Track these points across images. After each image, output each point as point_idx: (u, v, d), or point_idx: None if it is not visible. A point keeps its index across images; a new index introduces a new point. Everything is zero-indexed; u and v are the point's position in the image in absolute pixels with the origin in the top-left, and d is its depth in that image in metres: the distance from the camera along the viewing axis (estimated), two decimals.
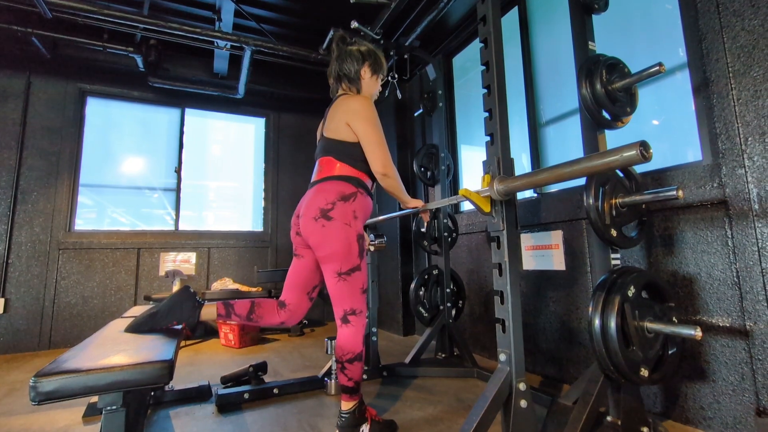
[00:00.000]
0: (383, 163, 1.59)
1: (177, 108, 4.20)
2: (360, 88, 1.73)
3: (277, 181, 4.54)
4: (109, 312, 3.57)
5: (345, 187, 1.57)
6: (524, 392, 1.31)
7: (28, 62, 3.55)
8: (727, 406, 1.51)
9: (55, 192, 3.54)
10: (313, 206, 1.55)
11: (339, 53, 1.74)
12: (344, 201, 1.55)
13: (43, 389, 0.86)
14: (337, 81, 1.75)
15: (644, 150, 0.88)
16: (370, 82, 1.75)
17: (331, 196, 1.55)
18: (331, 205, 1.53)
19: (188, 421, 1.80)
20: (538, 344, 2.35)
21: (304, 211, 1.58)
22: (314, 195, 1.58)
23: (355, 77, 1.71)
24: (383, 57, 1.80)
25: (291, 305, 1.68)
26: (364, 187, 1.63)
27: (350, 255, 1.54)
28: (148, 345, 1.16)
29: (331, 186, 1.57)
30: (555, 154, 2.55)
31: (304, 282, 1.69)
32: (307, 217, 1.55)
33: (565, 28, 2.41)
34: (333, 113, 1.67)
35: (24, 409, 1.98)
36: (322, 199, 1.55)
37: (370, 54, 1.75)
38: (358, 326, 1.57)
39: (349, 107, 1.62)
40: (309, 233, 1.55)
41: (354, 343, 1.56)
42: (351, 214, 1.55)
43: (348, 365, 1.55)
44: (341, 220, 1.53)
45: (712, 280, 1.57)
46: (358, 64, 1.71)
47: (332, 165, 1.62)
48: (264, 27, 3.52)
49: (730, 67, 1.54)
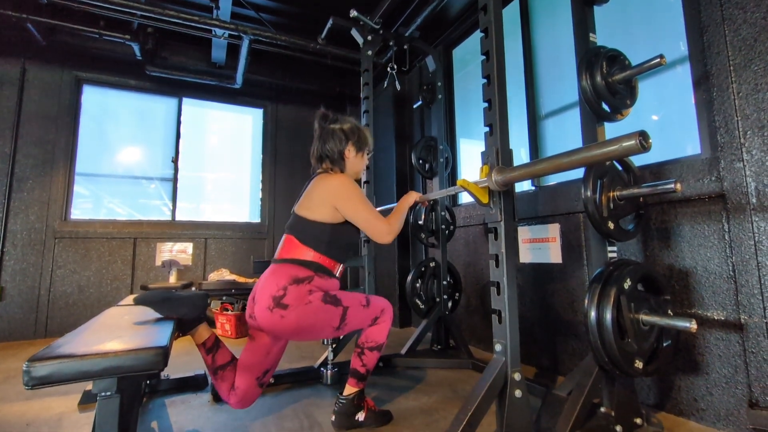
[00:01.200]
0: (386, 234, 1.56)
1: (174, 97, 4.17)
2: (344, 167, 1.67)
3: (274, 172, 4.52)
4: (105, 301, 3.56)
5: (299, 271, 1.48)
6: (519, 382, 1.31)
7: (23, 48, 3.50)
8: (719, 398, 1.52)
9: (51, 180, 3.51)
10: (266, 295, 1.44)
11: (321, 132, 1.68)
12: (297, 284, 1.45)
13: (37, 374, 0.85)
14: (319, 161, 1.70)
15: (643, 140, 0.87)
16: (355, 160, 1.70)
17: (283, 280, 1.45)
18: (282, 291, 1.43)
19: (184, 409, 1.81)
20: (533, 336, 2.36)
21: (258, 297, 1.47)
22: (267, 279, 1.48)
23: (339, 158, 1.66)
24: (367, 132, 1.74)
25: (239, 390, 1.50)
26: (324, 271, 1.53)
27: (329, 316, 1.48)
28: (143, 332, 1.15)
29: (285, 269, 1.48)
30: (554, 147, 2.54)
31: (254, 364, 1.53)
32: (261, 306, 1.44)
33: (566, 20, 2.39)
34: (310, 191, 1.60)
35: (19, 396, 1.98)
36: (274, 286, 1.44)
37: (354, 132, 1.69)
38: (387, 321, 1.62)
39: (330, 188, 1.55)
40: (268, 324, 1.44)
41: (380, 334, 1.60)
42: (306, 293, 1.45)
43: (368, 352, 1.58)
44: (298, 304, 1.43)
45: (708, 273, 1.58)
46: (342, 144, 1.65)
47: (293, 246, 1.54)
48: (262, 16, 3.49)
49: (731, 60, 1.53)
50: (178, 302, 1.44)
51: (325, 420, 1.66)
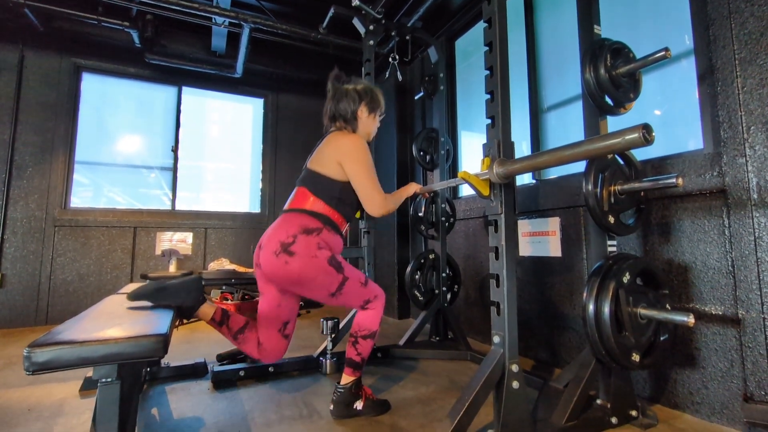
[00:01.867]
0: (379, 206, 1.56)
1: (174, 86, 4.13)
2: (356, 128, 1.69)
3: (275, 162, 4.50)
4: (105, 289, 3.57)
5: (309, 221, 1.51)
6: (517, 374, 1.32)
7: (21, 35, 3.46)
8: (715, 392, 1.53)
9: (50, 168, 3.50)
10: (274, 239, 1.47)
11: (334, 92, 1.69)
12: (307, 234, 1.48)
13: (37, 359, 0.85)
14: (332, 120, 1.71)
15: (647, 133, 0.87)
16: (368, 121, 1.71)
17: (293, 229, 1.48)
18: (291, 239, 1.45)
19: (184, 396, 1.82)
20: (531, 329, 2.38)
21: (266, 243, 1.50)
22: (277, 227, 1.51)
23: (352, 117, 1.67)
24: (380, 94, 1.76)
25: (265, 345, 1.58)
26: (332, 225, 1.56)
27: (329, 279, 1.50)
28: (144, 320, 1.16)
29: (295, 218, 1.52)
30: (556, 141, 2.53)
31: (273, 319, 1.59)
32: (268, 250, 1.47)
33: (570, 11, 2.36)
34: (323, 147, 1.62)
35: (21, 382, 1.99)
36: (283, 233, 1.47)
37: (367, 92, 1.70)
38: (378, 308, 1.62)
39: (342, 148, 1.56)
40: (271, 270, 1.47)
41: (372, 322, 1.61)
42: (315, 246, 1.47)
43: (361, 340, 1.59)
44: (305, 254, 1.45)
45: (707, 268, 1.58)
46: (355, 104, 1.67)
47: (305, 197, 1.56)
48: (263, 4, 3.45)
49: (736, 54, 1.51)
50: (173, 290, 1.44)
51: (324, 408, 1.67)
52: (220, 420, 1.58)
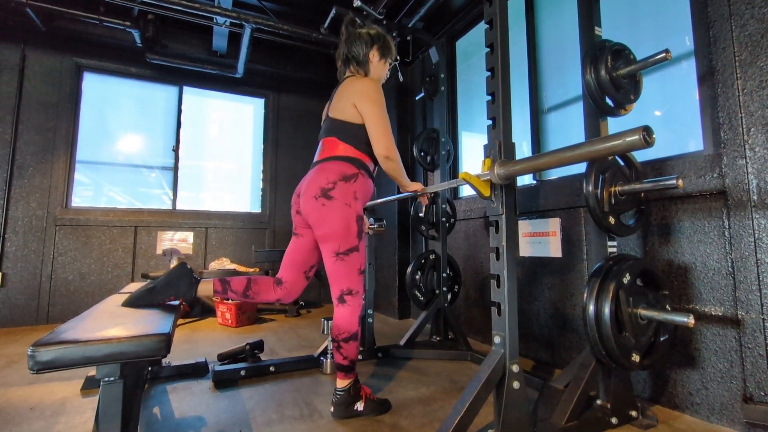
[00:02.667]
0: (386, 145, 1.59)
1: (175, 86, 4.14)
2: (368, 71, 1.73)
3: (275, 162, 4.51)
4: (106, 289, 3.58)
5: (347, 167, 1.57)
6: (517, 374, 1.33)
7: (23, 34, 3.47)
8: (714, 393, 1.54)
9: (52, 168, 3.51)
10: (314, 185, 1.55)
11: (348, 36, 1.73)
12: (345, 181, 1.55)
13: (41, 358, 0.86)
14: (345, 64, 1.75)
15: (647, 135, 0.87)
16: (378, 65, 1.75)
17: (333, 175, 1.55)
18: (332, 185, 1.53)
19: (185, 395, 1.83)
20: (531, 329, 2.38)
21: (305, 189, 1.57)
22: (316, 174, 1.58)
23: (364, 60, 1.71)
24: (392, 41, 1.79)
25: (287, 283, 1.70)
26: (365, 168, 1.63)
27: (349, 235, 1.55)
28: (146, 319, 1.16)
29: (334, 166, 1.57)
30: (556, 142, 2.54)
31: (301, 261, 1.71)
32: (308, 195, 1.55)
33: (571, 13, 2.37)
34: (340, 94, 1.66)
35: (22, 381, 2.00)
36: (324, 179, 1.54)
37: (379, 37, 1.74)
38: (355, 306, 1.59)
39: (356, 88, 1.61)
40: (309, 211, 1.55)
41: (350, 323, 1.58)
42: (352, 195, 1.55)
43: (344, 344, 1.57)
44: (342, 200, 1.53)
45: (707, 269, 1.59)
46: (367, 47, 1.71)
47: (335, 145, 1.62)
48: (264, 4, 3.45)
49: (737, 56, 1.52)
50: (164, 285, 1.45)
51: (325, 408, 1.68)
52: (222, 419, 1.59)
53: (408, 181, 1.75)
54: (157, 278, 1.48)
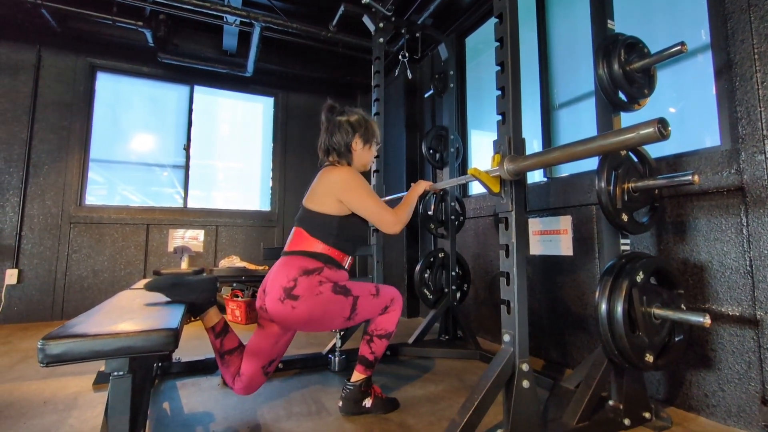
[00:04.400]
0: (393, 224, 1.56)
1: (186, 85, 4.18)
2: (351, 160, 1.66)
3: (284, 161, 4.53)
4: (119, 285, 3.63)
5: (308, 262, 1.50)
6: (527, 373, 1.31)
7: (38, 35, 3.54)
8: (731, 395, 1.50)
9: (66, 166, 3.57)
10: (277, 285, 1.46)
11: (328, 125, 1.67)
12: (307, 275, 1.46)
13: (51, 352, 0.87)
14: (326, 154, 1.68)
15: (662, 127, 0.85)
16: (362, 153, 1.68)
17: (293, 272, 1.46)
18: (293, 282, 1.44)
19: (194, 391, 1.84)
20: (542, 328, 2.35)
21: (269, 289, 1.48)
22: (277, 271, 1.50)
23: (346, 150, 1.65)
24: (375, 124, 1.73)
25: (244, 377, 1.53)
26: (333, 263, 1.55)
27: (340, 306, 1.50)
28: (155, 314, 1.17)
29: (294, 261, 1.50)
30: (567, 138, 2.50)
31: (262, 352, 1.56)
32: (272, 297, 1.46)
33: (583, 6, 2.33)
34: (316, 184, 1.61)
35: (37, 375, 2.04)
36: (284, 277, 1.46)
37: (361, 124, 1.67)
38: (397, 310, 1.63)
39: (333, 182, 1.55)
40: (279, 316, 1.46)
41: (390, 323, 1.61)
42: (316, 284, 1.46)
43: (377, 339, 1.60)
44: (309, 295, 1.44)
45: (724, 268, 1.54)
46: (348, 136, 1.64)
47: (303, 238, 1.55)
48: (274, 3, 3.46)
49: (755, 48, 1.47)
50: (189, 287, 1.45)
51: (333, 405, 1.67)
52: (230, 415, 1.59)
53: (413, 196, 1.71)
54: (188, 277, 1.49)
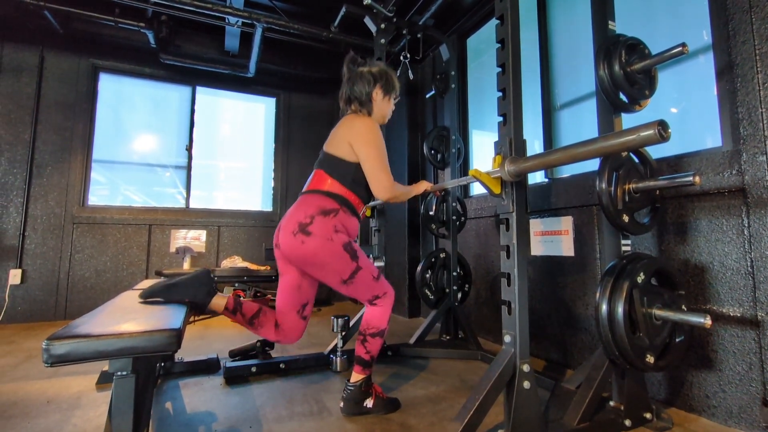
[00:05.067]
0: (385, 188, 1.56)
1: (188, 86, 4.19)
2: (371, 110, 1.69)
3: (286, 161, 4.54)
4: (121, 286, 3.65)
5: (327, 202, 1.54)
6: (528, 374, 1.31)
7: (41, 36, 3.55)
8: (732, 396, 1.50)
9: (69, 167, 3.59)
10: (292, 220, 1.51)
11: (350, 75, 1.70)
12: (324, 215, 1.50)
13: (55, 352, 0.88)
14: (347, 103, 1.71)
15: (662, 129, 0.85)
16: (382, 103, 1.72)
17: (311, 209, 1.51)
18: (309, 219, 1.49)
19: (197, 391, 1.85)
20: (543, 329, 2.35)
21: (284, 224, 1.54)
22: (295, 208, 1.55)
23: (366, 99, 1.68)
24: (395, 76, 1.76)
25: (284, 326, 1.62)
26: (349, 206, 1.58)
27: (343, 265, 1.52)
28: (158, 315, 1.18)
29: (314, 200, 1.54)
30: (568, 139, 2.50)
31: (292, 301, 1.63)
32: (286, 231, 1.51)
33: (584, 7, 2.33)
34: (337, 130, 1.65)
35: (40, 374, 2.05)
36: (301, 213, 1.51)
37: (382, 75, 1.70)
38: (386, 306, 1.63)
39: (354, 128, 1.59)
40: (288, 249, 1.51)
41: (381, 320, 1.61)
42: (331, 228, 1.50)
43: (370, 338, 1.60)
44: (321, 236, 1.48)
45: (725, 269, 1.54)
46: (370, 86, 1.67)
47: (322, 179, 1.59)
48: (275, 4, 3.47)
49: (757, 49, 1.47)
50: (183, 286, 1.46)
51: (334, 406, 1.68)
52: (232, 415, 1.60)
53: (413, 189, 1.73)
54: (180, 276, 1.49)
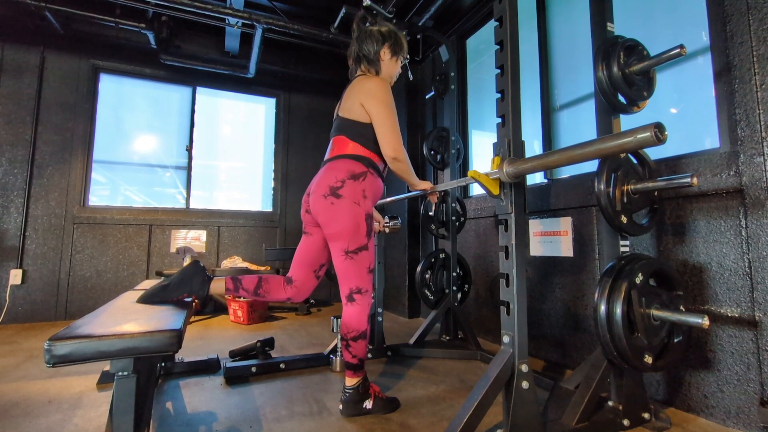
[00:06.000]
0: (394, 147, 1.58)
1: (188, 86, 4.20)
2: (379, 69, 1.72)
3: (286, 161, 4.54)
4: (122, 286, 3.66)
5: (355, 166, 1.58)
6: (526, 374, 1.32)
7: (42, 37, 3.56)
8: (730, 396, 1.50)
9: (70, 167, 3.60)
10: (323, 184, 1.56)
11: (359, 34, 1.73)
12: (354, 180, 1.55)
13: (57, 352, 0.89)
14: (356, 62, 1.74)
15: (659, 132, 0.86)
16: (390, 63, 1.74)
17: (341, 174, 1.55)
18: (340, 183, 1.54)
19: (197, 391, 1.86)
20: (542, 329, 2.36)
21: (315, 188, 1.59)
22: (325, 173, 1.59)
23: (375, 58, 1.70)
24: (404, 38, 1.78)
25: (297, 282, 1.71)
26: (374, 167, 1.63)
27: (358, 234, 1.55)
28: (159, 315, 1.19)
29: (342, 164, 1.58)
30: (568, 140, 2.50)
31: (311, 260, 1.72)
32: (317, 194, 1.57)
33: (583, 9, 2.33)
34: (349, 93, 1.67)
35: (41, 374, 2.06)
36: (332, 177, 1.55)
37: (391, 35, 1.73)
38: (363, 305, 1.59)
39: (365, 87, 1.61)
40: (318, 210, 1.56)
41: (359, 321, 1.58)
42: (360, 193, 1.56)
43: (352, 343, 1.58)
44: (350, 199, 1.53)
45: (723, 269, 1.55)
46: (378, 45, 1.70)
47: (344, 144, 1.62)
48: (275, 4, 3.48)
49: (754, 50, 1.48)
50: (177, 283, 1.48)
51: (334, 406, 1.69)
52: (233, 415, 1.61)
53: (417, 180, 1.75)
54: (171, 276, 1.51)
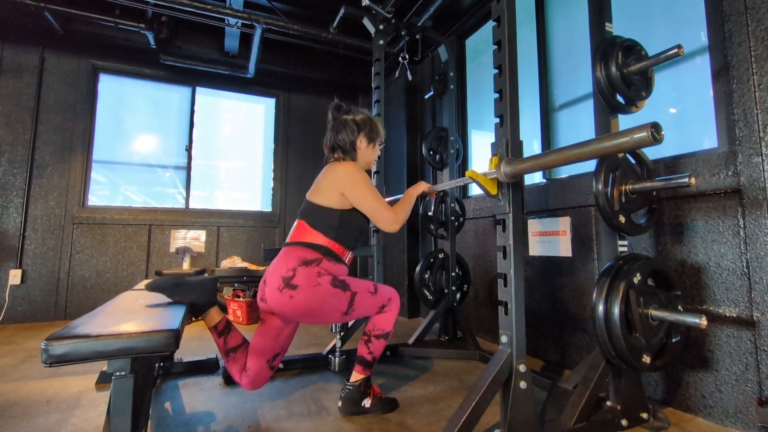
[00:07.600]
0: (391, 222, 1.58)
1: (188, 86, 4.20)
2: (355, 158, 1.70)
3: (286, 161, 4.55)
4: (121, 286, 3.66)
5: (308, 253, 1.52)
6: (524, 374, 1.32)
7: (42, 37, 3.56)
8: (728, 395, 1.50)
9: (69, 167, 3.60)
10: (276, 275, 1.49)
11: (334, 123, 1.71)
12: (306, 266, 1.49)
13: (54, 352, 0.89)
14: (331, 151, 1.71)
15: (655, 132, 0.86)
16: (367, 151, 1.72)
17: (292, 262, 1.49)
18: (291, 272, 1.47)
19: (196, 391, 1.86)
20: (541, 329, 2.36)
21: (269, 279, 1.52)
22: (278, 262, 1.53)
23: (350, 148, 1.68)
24: (380, 123, 1.76)
25: (250, 372, 1.56)
26: (332, 255, 1.56)
27: (337, 301, 1.51)
28: (156, 315, 1.19)
29: (295, 252, 1.53)
30: (567, 140, 2.50)
31: (265, 348, 1.59)
32: (271, 287, 1.49)
33: (582, 9, 2.33)
34: (320, 178, 1.64)
35: (40, 374, 2.06)
36: (283, 267, 1.49)
37: (365, 123, 1.70)
38: (394, 310, 1.65)
39: (337, 175, 1.58)
40: (277, 305, 1.48)
41: (387, 323, 1.63)
42: (315, 275, 1.48)
43: (374, 339, 1.61)
44: (307, 285, 1.46)
45: (721, 269, 1.55)
46: (353, 134, 1.67)
47: (304, 230, 1.58)
48: (275, 5, 3.48)
49: (752, 51, 1.48)
50: (189, 287, 1.48)
51: (333, 405, 1.69)
52: (231, 415, 1.61)
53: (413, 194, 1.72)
54: (189, 277, 1.51)
